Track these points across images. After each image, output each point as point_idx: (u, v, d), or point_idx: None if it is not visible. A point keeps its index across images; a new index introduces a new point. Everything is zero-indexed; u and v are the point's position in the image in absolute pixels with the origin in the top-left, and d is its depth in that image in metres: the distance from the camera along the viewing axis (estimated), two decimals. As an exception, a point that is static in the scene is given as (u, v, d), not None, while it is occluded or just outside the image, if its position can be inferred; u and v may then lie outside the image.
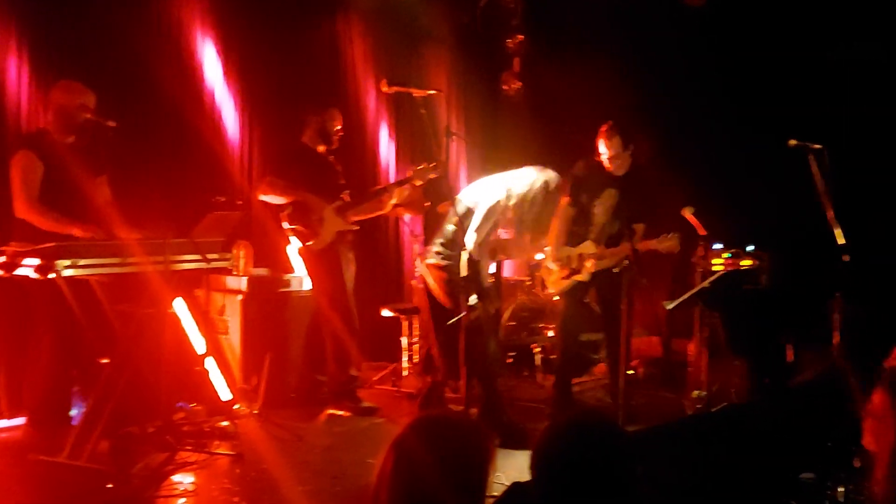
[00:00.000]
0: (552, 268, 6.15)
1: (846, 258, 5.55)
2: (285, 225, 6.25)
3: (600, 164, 6.10)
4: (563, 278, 6.15)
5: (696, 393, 5.94)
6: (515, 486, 2.78)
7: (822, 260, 5.70)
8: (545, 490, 2.08)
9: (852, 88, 6.86)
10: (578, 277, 6.10)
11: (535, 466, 2.14)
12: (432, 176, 6.19)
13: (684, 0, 7.36)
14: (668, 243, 5.75)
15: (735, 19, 7.36)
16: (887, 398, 2.33)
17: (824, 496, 3.35)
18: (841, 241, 5.57)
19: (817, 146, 5.60)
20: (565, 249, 6.17)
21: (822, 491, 3.38)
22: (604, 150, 6.06)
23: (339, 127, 6.38)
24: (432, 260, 5.80)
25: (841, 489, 3.33)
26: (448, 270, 5.67)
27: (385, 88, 4.14)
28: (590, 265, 6.01)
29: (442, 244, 5.79)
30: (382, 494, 2.16)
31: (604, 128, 6.12)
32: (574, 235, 6.21)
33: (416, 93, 4.07)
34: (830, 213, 5.59)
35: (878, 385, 2.40)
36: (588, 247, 6.11)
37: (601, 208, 6.12)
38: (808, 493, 3.32)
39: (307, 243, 6.24)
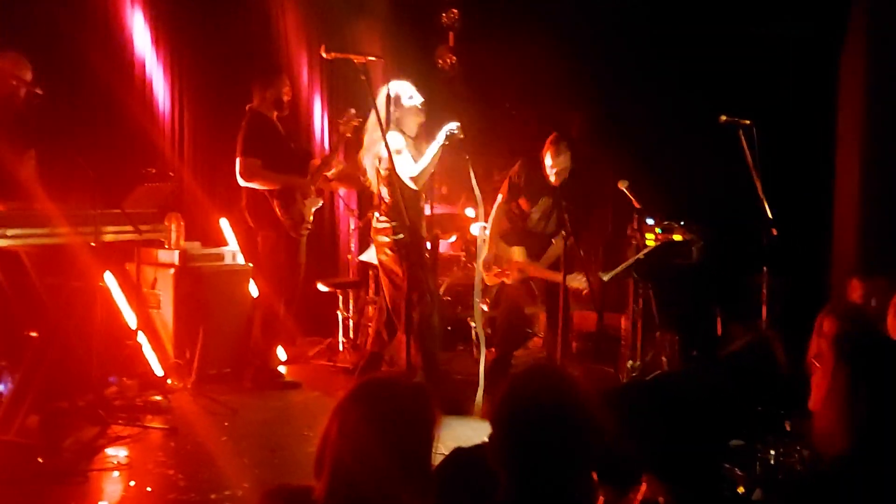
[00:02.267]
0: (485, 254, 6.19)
1: (774, 232, 5.68)
2: (280, 215, 6.16)
3: (539, 169, 6.14)
4: (495, 276, 6.27)
5: (630, 363, 6.03)
6: (458, 451, 2.80)
7: (750, 234, 5.83)
8: (511, 441, 2.08)
9: (782, 65, 6.98)
10: (506, 280, 6.19)
11: (500, 419, 2.13)
12: (355, 123, 6.12)
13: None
14: (575, 284, 5.80)
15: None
16: (833, 351, 2.38)
17: (755, 460, 3.44)
18: (769, 215, 5.70)
19: (746, 122, 5.71)
20: (502, 245, 6.25)
21: (754, 455, 3.47)
22: (550, 162, 6.13)
23: (289, 92, 6.33)
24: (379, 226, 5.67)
25: (772, 452, 3.43)
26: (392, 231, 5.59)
27: (325, 54, 4.09)
28: (516, 275, 6.16)
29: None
30: (327, 459, 2.15)
31: (551, 139, 6.16)
32: (511, 233, 6.33)
33: (357, 59, 4.04)
34: (759, 188, 5.71)
35: (827, 337, 2.45)
36: (519, 254, 6.25)
37: (538, 213, 6.22)
38: (740, 457, 3.41)
39: (303, 232, 6.23)
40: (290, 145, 6.39)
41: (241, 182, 6.07)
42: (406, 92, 5.52)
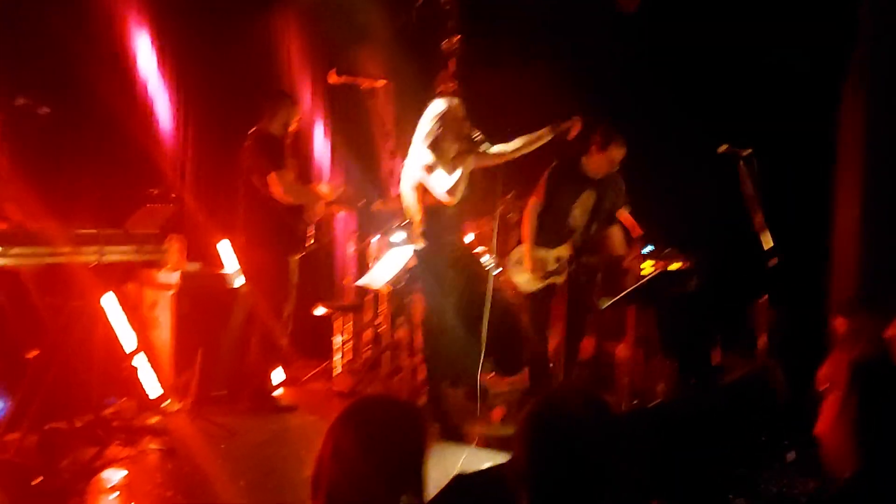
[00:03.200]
0: (522, 268, 6.14)
1: (773, 262, 5.70)
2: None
3: (577, 164, 6.13)
4: (541, 279, 6.16)
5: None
6: (459, 479, 2.80)
7: (749, 264, 5.85)
8: (537, 462, 2.07)
9: (781, 96, 7.03)
10: (556, 279, 6.13)
11: (527, 439, 2.12)
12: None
13: (618, 6, 7.43)
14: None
15: (668, 26, 7.48)
16: (849, 382, 2.39)
17: (759, 490, 3.43)
18: (768, 245, 5.72)
19: (746, 152, 5.74)
20: (540, 251, 6.18)
21: (757, 485, 3.46)
22: (617, 156, 6.15)
23: (297, 122, 6.40)
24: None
25: (776, 482, 3.42)
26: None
27: (332, 79, 4.10)
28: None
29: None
30: (322, 480, 2.16)
31: (620, 138, 6.20)
32: (550, 237, 6.20)
33: (365, 83, 4.05)
34: (759, 218, 5.74)
35: (843, 367, 2.46)
36: (565, 250, 6.16)
37: (580, 210, 6.16)
38: (744, 487, 3.40)
39: (301, 252, 6.28)
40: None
41: (282, 195, 6.05)
42: (455, 112, 5.47)
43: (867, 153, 6.81)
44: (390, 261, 6.83)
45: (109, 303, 5.57)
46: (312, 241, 6.34)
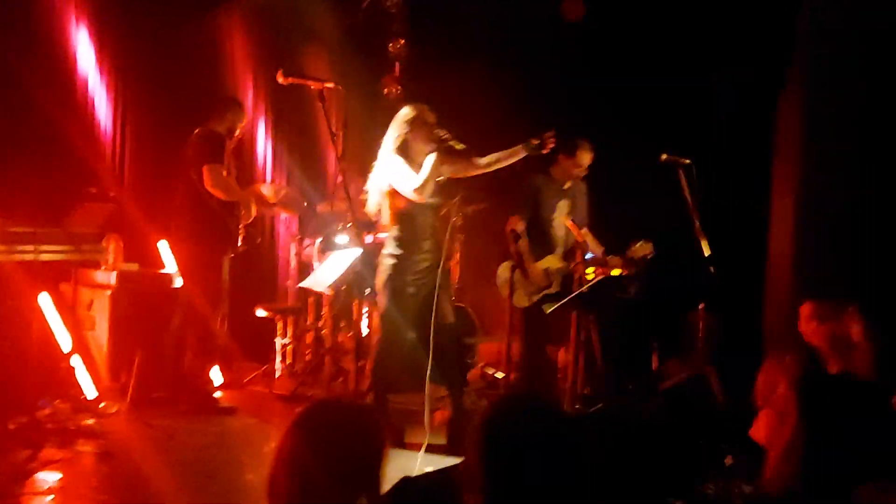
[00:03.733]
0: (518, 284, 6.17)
1: (712, 269, 5.80)
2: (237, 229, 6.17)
3: (549, 175, 6.21)
4: (533, 293, 6.23)
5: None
6: (406, 481, 2.80)
7: (688, 271, 5.94)
8: (492, 465, 2.08)
9: (721, 106, 7.16)
10: (549, 291, 6.20)
11: (479, 445, 2.13)
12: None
13: (563, 14, 7.51)
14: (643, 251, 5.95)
15: (612, 35, 7.57)
16: (792, 395, 2.44)
17: (697, 494, 3.49)
18: (707, 252, 5.82)
19: (686, 161, 5.84)
20: (536, 265, 6.28)
21: (695, 489, 3.51)
22: (585, 161, 6.32)
23: (243, 127, 6.39)
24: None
25: (712, 486, 3.48)
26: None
27: (281, 79, 4.07)
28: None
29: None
30: (279, 486, 2.14)
31: (584, 141, 6.33)
32: (536, 251, 6.29)
33: (314, 85, 4.02)
34: (697, 225, 5.84)
35: (784, 379, 2.51)
36: (552, 261, 6.26)
37: (559, 220, 6.28)
38: (682, 490, 3.45)
39: (231, 253, 6.20)
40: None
41: (213, 188, 5.97)
42: (424, 117, 5.44)
43: (803, 162, 6.97)
44: (334, 263, 6.80)
45: (45, 302, 5.47)
46: (242, 243, 6.25)
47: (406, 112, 5.44)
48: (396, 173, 5.30)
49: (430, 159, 5.27)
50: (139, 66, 6.99)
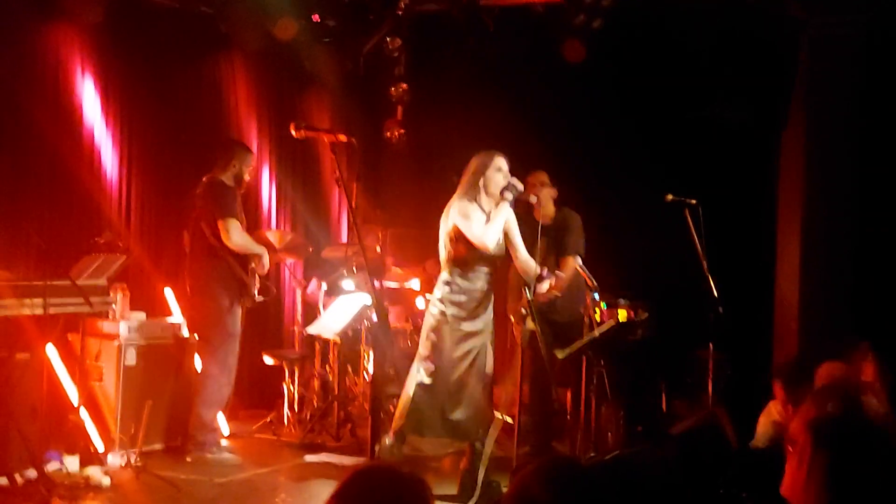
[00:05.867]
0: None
1: (720, 309, 5.80)
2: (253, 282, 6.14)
3: (528, 215, 6.19)
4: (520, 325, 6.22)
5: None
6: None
7: (696, 311, 5.94)
8: None
9: (726, 147, 7.21)
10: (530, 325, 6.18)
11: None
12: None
13: (564, 55, 7.55)
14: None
15: (613, 77, 7.63)
16: (809, 440, 2.39)
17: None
18: (714, 292, 5.82)
19: (692, 201, 5.86)
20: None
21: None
22: (549, 195, 6.31)
23: (251, 172, 6.41)
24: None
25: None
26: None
27: (295, 132, 4.07)
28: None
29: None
30: None
31: (538, 176, 6.34)
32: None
33: (327, 137, 4.04)
34: (704, 266, 5.84)
35: (803, 423, 2.46)
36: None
37: (539, 257, 6.23)
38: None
39: (258, 298, 6.19)
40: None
41: (233, 243, 5.98)
42: (496, 164, 5.45)
43: (806, 202, 6.99)
44: (340, 309, 6.80)
45: (52, 354, 5.45)
46: (258, 294, 6.24)
47: (484, 159, 5.46)
48: (465, 218, 5.28)
49: (503, 208, 5.29)
50: (145, 115, 7.01)
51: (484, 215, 5.37)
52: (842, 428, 2.43)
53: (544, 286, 5.42)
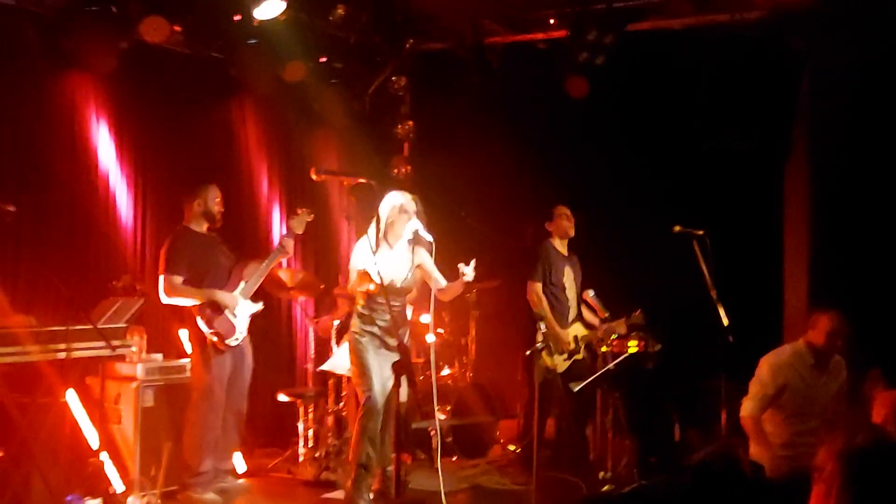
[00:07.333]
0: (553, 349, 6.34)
1: (730, 338, 5.85)
2: (205, 329, 6.06)
3: (553, 245, 6.51)
4: (566, 359, 6.43)
5: (602, 474, 6.09)
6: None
7: (706, 341, 5.99)
8: None
9: (731, 177, 7.28)
10: (577, 357, 6.44)
11: None
12: (308, 219, 6.17)
13: (568, 91, 7.65)
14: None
15: (618, 110, 7.72)
16: (836, 470, 2.41)
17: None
18: (724, 322, 5.87)
19: (700, 232, 5.94)
20: (562, 331, 6.54)
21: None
22: (567, 221, 6.78)
23: (219, 202, 6.29)
24: None
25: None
26: None
27: (315, 176, 4.16)
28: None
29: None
30: None
31: (564, 210, 6.76)
32: (555, 315, 6.55)
33: (346, 181, 4.12)
34: (714, 295, 5.90)
35: (831, 452, 2.48)
36: (579, 328, 6.58)
37: (569, 284, 6.51)
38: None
39: (227, 342, 6.12)
40: (220, 259, 6.30)
41: (164, 299, 6.02)
42: (399, 202, 5.61)
43: (812, 228, 7.07)
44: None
45: (72, 399, 5.51)
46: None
47: (394, 198, 5.60)
48: (371, 256, 5.36)
49: (404, 256, 5.58)
50: (158, 159, 7.11)
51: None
52: (871, 459, 2.44)
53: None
